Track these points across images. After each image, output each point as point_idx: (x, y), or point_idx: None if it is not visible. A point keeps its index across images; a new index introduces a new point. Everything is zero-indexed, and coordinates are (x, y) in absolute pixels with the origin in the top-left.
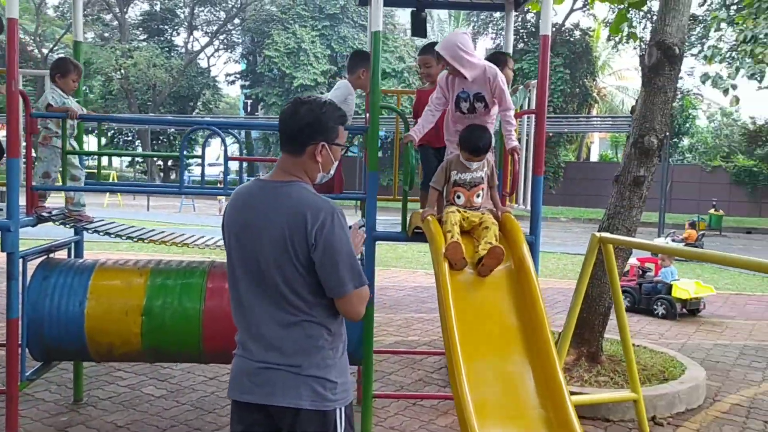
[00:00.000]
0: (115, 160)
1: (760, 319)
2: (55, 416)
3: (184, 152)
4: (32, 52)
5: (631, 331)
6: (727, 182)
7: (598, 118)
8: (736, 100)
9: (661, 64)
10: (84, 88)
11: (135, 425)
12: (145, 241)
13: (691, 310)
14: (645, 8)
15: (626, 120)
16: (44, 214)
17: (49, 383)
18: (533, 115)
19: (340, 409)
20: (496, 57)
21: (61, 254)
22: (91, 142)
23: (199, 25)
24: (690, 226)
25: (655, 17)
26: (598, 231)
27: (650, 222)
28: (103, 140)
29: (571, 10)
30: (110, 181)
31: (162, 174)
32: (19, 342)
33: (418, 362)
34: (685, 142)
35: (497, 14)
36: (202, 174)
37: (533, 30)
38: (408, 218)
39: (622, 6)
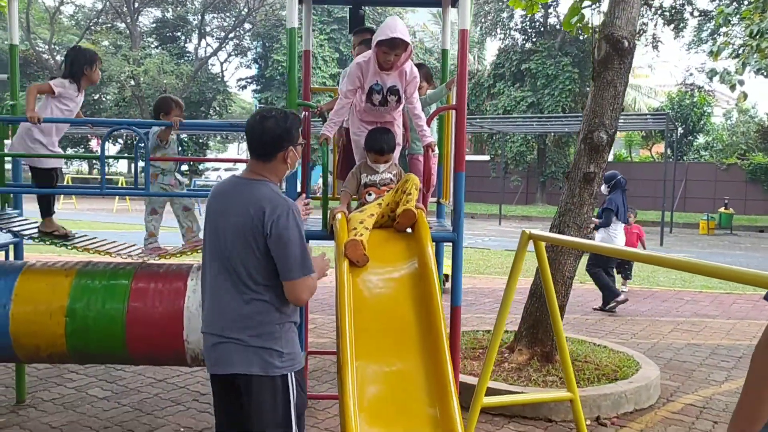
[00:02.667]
0: (123, 166)
1: (742, 319)
2: None
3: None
4: (48, 60)
5: (602, 331)
6: (742, 180)
7: None
8: (744, 96)
9: (610, 57)
10: (97, 95)
11: (69, 426)
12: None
13: None
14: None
15: (639, 117)
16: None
17: None
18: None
19: (291, 375)
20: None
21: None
22: (111, 149)
23: (212, 31)
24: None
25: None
26: (550, 229)
27: (665, 222)
28: (117, 146)
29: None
30: (120, 186)
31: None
32: None
33: None
34: (701, 139)
35: (504, 14)
36: (102, 174)
37: (541, 30)
38: (329, 216)
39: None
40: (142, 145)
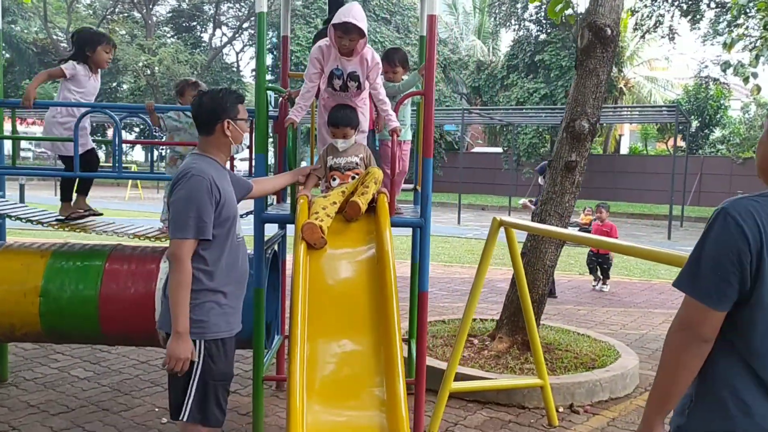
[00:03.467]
0: (139, 154)
1: None
2: None
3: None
4: (66, 49)
5: (592, 322)
6: (758, 174)
7: (627, 109)
8: (757, 88)
9: (592, 46)
10: (114, 84)
11: (47, 404)
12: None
13: None
14: None
15: (652, 109)
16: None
17: None
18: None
19: (200, 342)
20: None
21: None
22: (126, 137)
23: (227, 21)
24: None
25: None
26: (532, 218)
27: (676, 215)
28: (132, 135)
29: None
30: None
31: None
32: None
33: None
34: (717, 133)
35: (519, 5)
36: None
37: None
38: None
39: None
40: (158, 131)
